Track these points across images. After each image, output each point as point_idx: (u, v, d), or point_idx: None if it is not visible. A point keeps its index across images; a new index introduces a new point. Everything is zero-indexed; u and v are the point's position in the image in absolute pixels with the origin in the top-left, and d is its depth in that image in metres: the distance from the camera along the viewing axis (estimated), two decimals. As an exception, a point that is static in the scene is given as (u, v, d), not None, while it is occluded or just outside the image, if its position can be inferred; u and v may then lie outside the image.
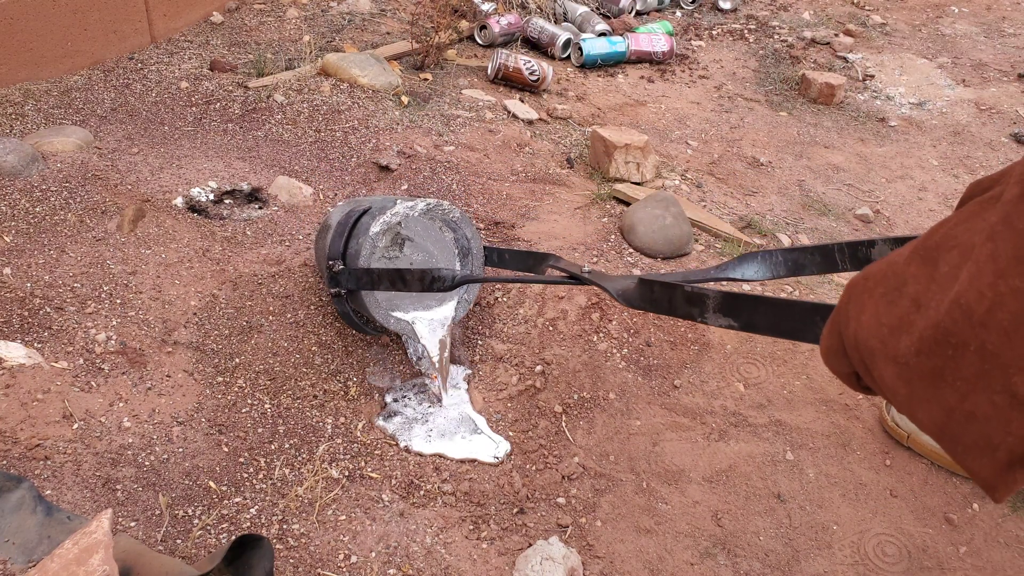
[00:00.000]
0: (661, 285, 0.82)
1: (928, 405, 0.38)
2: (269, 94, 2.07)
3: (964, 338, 0.35)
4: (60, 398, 1.17)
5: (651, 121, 2.60)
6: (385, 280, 1.21)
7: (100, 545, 0.78)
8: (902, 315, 0.39)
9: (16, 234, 1.45)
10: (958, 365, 0.36)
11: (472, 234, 1.38)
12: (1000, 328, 0.34)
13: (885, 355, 0.40)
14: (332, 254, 1.30)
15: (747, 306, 0.70)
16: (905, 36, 3.47)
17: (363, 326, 1.38)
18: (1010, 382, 0.34)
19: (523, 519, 1.17)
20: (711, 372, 1.42)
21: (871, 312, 0.41)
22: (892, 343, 0.39)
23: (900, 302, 0.39)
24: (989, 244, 0.35)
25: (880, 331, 0.40)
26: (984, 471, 0.37)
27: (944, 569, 1.12)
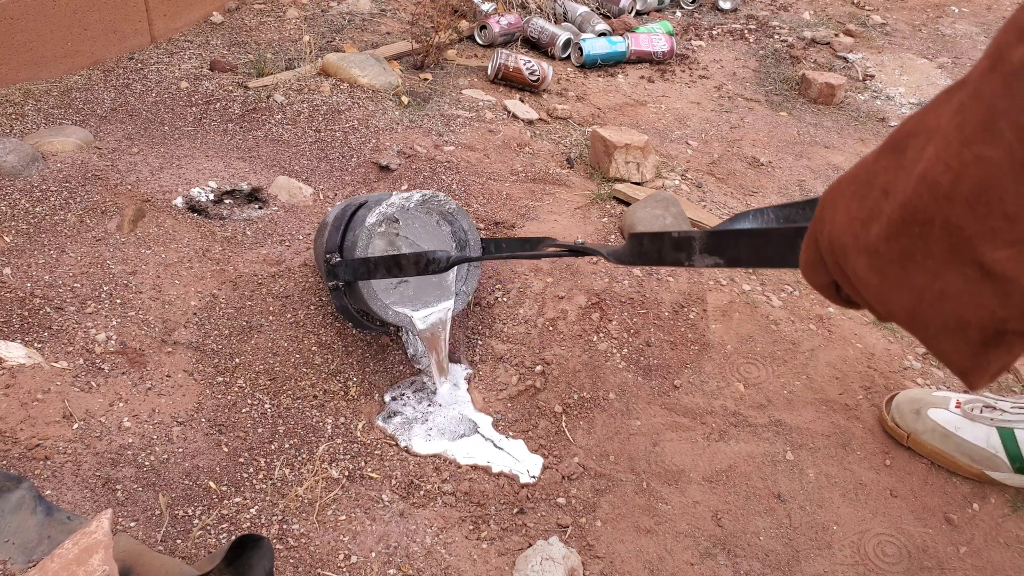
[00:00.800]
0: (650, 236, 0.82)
1: (899, 292, 0.37)
2: (269, 94, 2.07)
3: (930, 214, 0.35)
4: (60, 398, 1.17)
5: (651, 121, 2.60)
6: (381, 267, 1.21)
7: (100, 545, 0.78)
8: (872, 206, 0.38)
9: (16, 234, 1.45)
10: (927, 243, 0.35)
11: (468, 226, 1.38)
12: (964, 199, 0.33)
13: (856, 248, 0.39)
14: (329, 248, 1.30)
15: (731, 241, 0.70)
16: (905, 36, 3.47)
17: (361, 320, 1.38)
18: (976, 253, 0.34)
19: (523, 519, 1.17)
20: (711, 372, 1.42)
21: (843, 210, 0.40)
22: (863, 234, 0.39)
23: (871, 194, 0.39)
24: (956, 117, 0.34)
25: (852, 226, 0.39)
26: (957, 353, 0.37)
27: (944, 569, 1.12)
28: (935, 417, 1.23)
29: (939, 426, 1.22)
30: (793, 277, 1.72)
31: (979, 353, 0.36)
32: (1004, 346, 0.36)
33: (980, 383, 0.38)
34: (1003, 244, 0.33)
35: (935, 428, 1.23)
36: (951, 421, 1.22)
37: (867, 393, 1.39)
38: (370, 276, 1.24)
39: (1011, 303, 0.34)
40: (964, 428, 1.21)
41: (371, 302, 1.28)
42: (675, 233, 0.77)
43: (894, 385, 1.40)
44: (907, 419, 1.26)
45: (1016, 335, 0.35)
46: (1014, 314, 0.34)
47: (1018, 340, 0.36)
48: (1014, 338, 0.36)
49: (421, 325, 1.33)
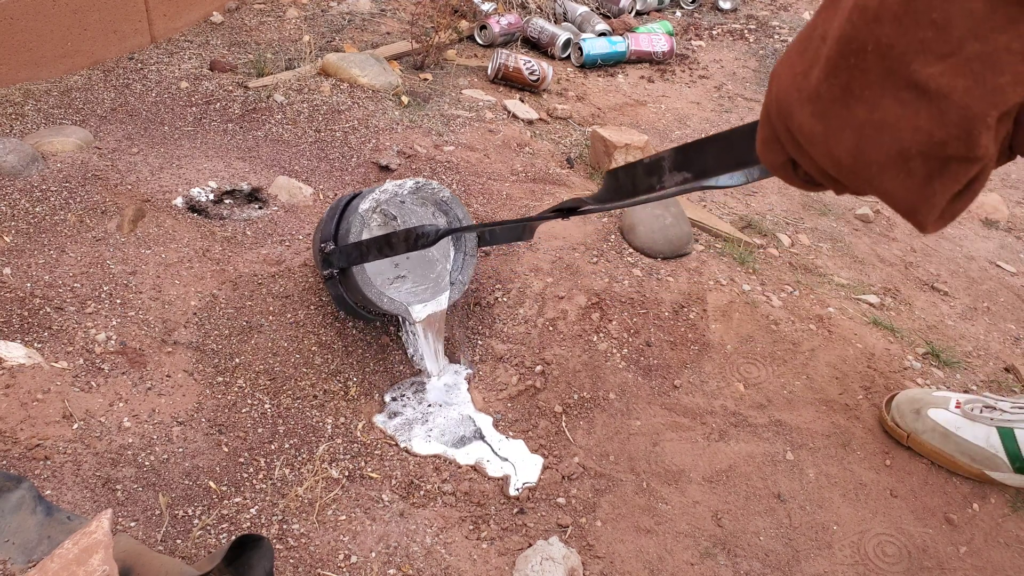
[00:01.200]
0: (623, 168, 0.81)
1: (843, 133, 0.37)
2: (269, 94, 2.07)
3: (862, 40, 0.34)
4: (60, 398, 1.17)
5: (651, 121, 2.60)
6: (373, 249, 1.21)
7: (100, 545, 0.78)
8: (812, 55, 0.38)
9: (16, 234, 1.45)
10: (863, 71, 0.35)
11: (463, 215, 1.38)
12: (892, 16, 0.33)
13: (800, 99, 0.38)
14: (324, 236, 1.30)
15: (696, 152, 0.69)
16: (905, 36, 3.47)
17: (357, 310, 1.37)
18: (910, 71, 0.33)
19: (523, 519, 1.17)
20: (711, 372, 1.42)
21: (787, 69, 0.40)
22: (804, 84, 0.38)
23: (811, 46, 0.38)
24: None
25: (795, 80, 0.39)
26: (903, 189, 0.36)
27: (944, 569, 1.12)
28: (935, 417, 1.23)
29: (939, 426, 1.22)
30: (793, 277, 1.72)
31: (924, 186, 0.35)
32: (948, 175, 0.35)
33: (928, 220, 0.37)
34: (934, 58, 0.32)
35: (935, 428, 1.23)
36: (951, 421, 1.22)
37: (867, 393, 1.39)
38: (363, 259, 1.24)
39: (947, 122, 0.33)
40: (964, 428, 1.21)
41: (366, 289, 1.28)
42: (646, 159, 0.77)
43: (894, 385, 1.40)
44: (907, 419, 1.26)
45: (958, 162, 0.34)
46: (952, 134, 0.33)
47: (961, 168, 0.35)
48: (957, 166, 0.35)
49: (417, 314, 1.33)
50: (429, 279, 1.42)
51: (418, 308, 1.34)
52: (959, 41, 0.32)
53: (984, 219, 2.24)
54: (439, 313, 1.37)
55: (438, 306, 1.36)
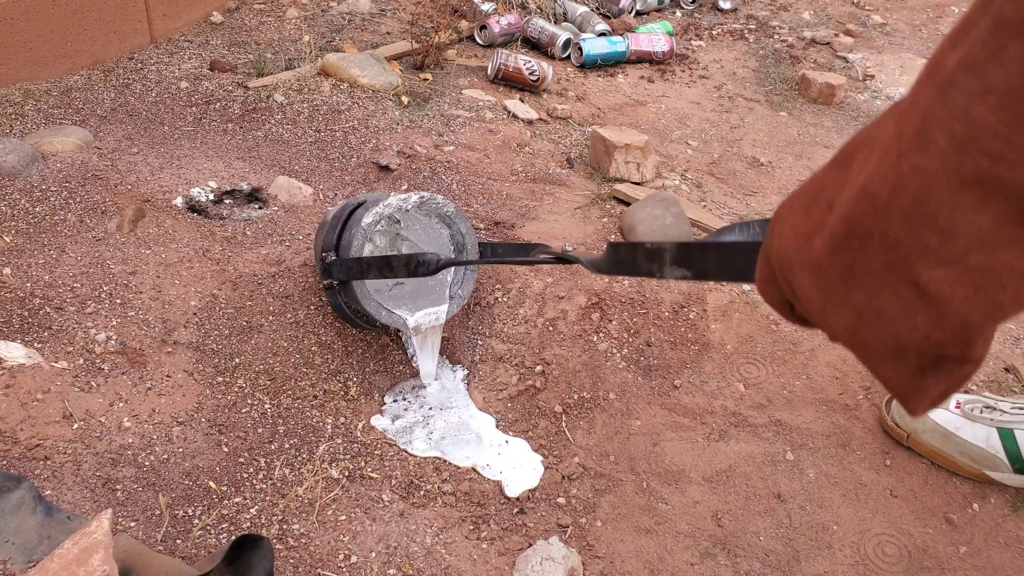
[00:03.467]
0: (625, 245, 0.82)
1: (841, 309, 0.36)
2: (269, 94, 2.07)
3: (869, 227, 0.34)
4: (60, 398, 1.17)
5: (651, 121, 2.60)
6: (374, 268, 1.22)
7: (100, 545, 0.78)
8: (817, 220, 0.38)
9: (16, 234, 1.45)
10: (866, 258, 0.34)
11: (467, 230, 1.38)
12: (901, 212, 0.32)
13: (801, 263, 0.38)
14: (325, 246, 1.30)
15: (699, 254, 0.70)
16: (905, 36, 3.47)
17: (355, 319, 1.37)
18: (912, 271, 0.33)
19: (523, 519, 1.17)
20: (711, 372, 1.42)
21: (791, 225, 0.39)
22: (807, 249, 0.38)
23: (817, 207, 0.38)
24: (895, 127, 0.33)
25: (798, 241, 0.38)
26: (896, 377, 0.36)
27: (944, 569, 1.12)
28: (935, 417, 1.23)
29: (939, 426, 1.22)
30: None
31: (917, 378, 0.35)
32: (943, 372, 0.35)
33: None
34: (937, 262, 0.32)
35: (935, 428, 1.23)
36: (951, 421, 1.22)
37: (867, 393, 1.39)
38: (363, 276, 1.24)
39: (946, 327, 0.33)
40: (964, 428, 1.21)
41: (364, 302, 1.28)
42: (648, 244, 0.77)
43: (894, 385, 1.40)
44: (907, 419, 1.26)
45: (954, 362, 0.34)
46: (949, 339, 0.33)
47: (956, 367, 0.35)
48: (952, 365, 0.35)
49: (414, 327, 1.33)
50: (428, 286, 1.42)
51: (416, 320, 1.34)
52: (963, 251, 0.32)
53: (984, 219, 2.24)
54: (436, 335, 1.37)
55: (436, 320, 1.36)
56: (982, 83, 0.30)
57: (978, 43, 0.30)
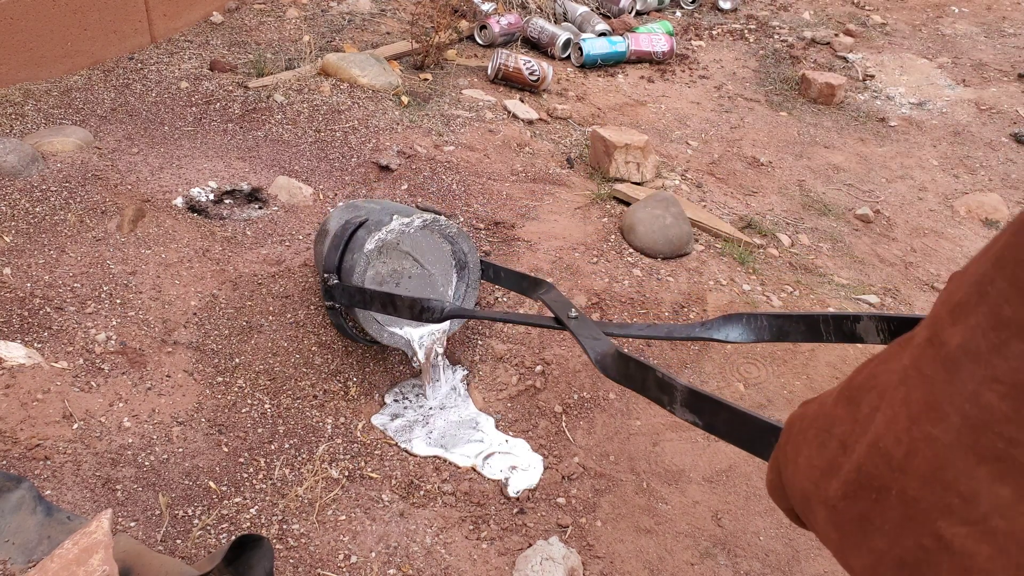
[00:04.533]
0: (636, 364, 0.83)
1: (858, 551, 0.37)
2: (269, 94, 2.07)
3: (885, 483, 0.35)
4: (60, 398, 1.17)
5: (651, 121, 2.60)
6: (376, 302, 1.21)
7: (100, 545, 0.78)
8: (831, 458, 0.39)
9: (16, 234, 1.45)
10: (883, 509, 0.35)
11: (469, 248, 1.38)
12: (918, 474, 0.33)
13: (817, 498, 0.39)
14: (327, 267, 1.29)
15: (709, 408, 0.71)
16: (905, 36, 3.47)
17: (357, 336, 1.37)
18: (935, 527, 0.33)
19: (523, 519, 1.17)
20: (711, 372, 1.42)
21: (805, 455, 0.41)
22: (823, 486, 0.39)
23: (829, 444, 0.39)
24: (902, 388, 0.34)
25: (812, 473, 0.40)
26: None
27: (944, 569, 1.12)
28: None
29: None
30: (793, 278, 1.72)
31: None
32: None
33: None
34: (959, 522, 0.33)
35: None
36: None
37: (867, 393, 1.39)
38: (365, 306, 1.24)
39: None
40: None
41: (367, 326, 1.28)
42: (662, 375, 0.78)
43: (894, 385, 1.40)
44: None
45: None
46: None
47: None
48: None
49: (419, 347, 1.33)
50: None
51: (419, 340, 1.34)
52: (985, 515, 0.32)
53: (984, 219, 2.24)
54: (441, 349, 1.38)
55: (438, 338, 1.36)
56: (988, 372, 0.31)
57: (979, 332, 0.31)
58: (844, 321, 0.90)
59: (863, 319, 0.88)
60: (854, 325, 0.89)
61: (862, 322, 0.88)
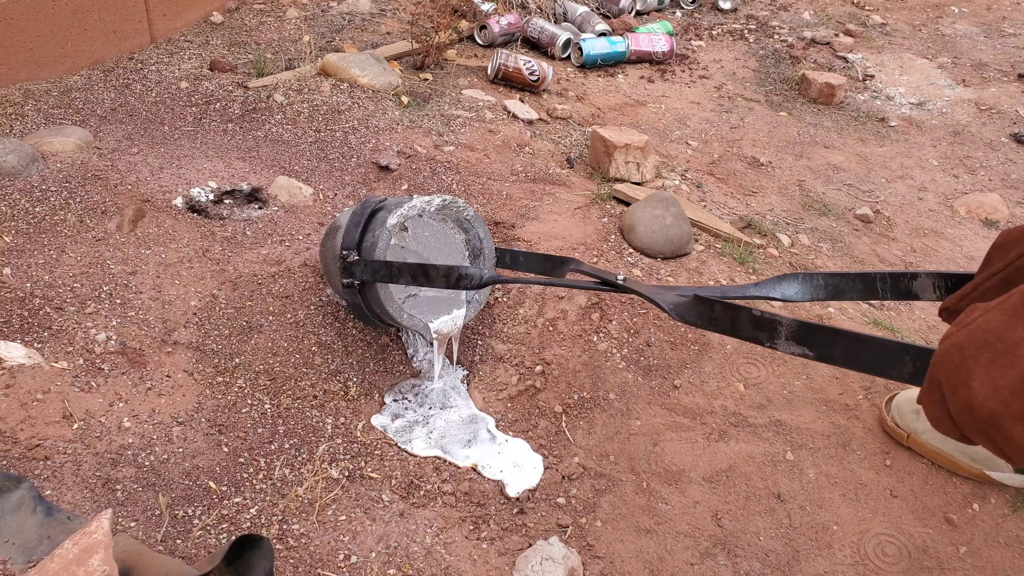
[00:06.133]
0: (723, 305, 0.81)
1: None
2: (269, 94, 2.07)
3: None
4: (60, 398, 1.17)
5: (651, 121, 2.60)
6: (406, 274, 1.19)
7: (100, 545, 0.78)
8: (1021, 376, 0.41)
9: (16, 234, 1.45)
10: None
11: (484, 234, 1.37)
12: None
13: (1010, 416, 0.41)
14: (347, 244, 1.28)
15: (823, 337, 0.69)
16: (905, 36, 3.47)
17: (371, 318, 1.36)
18: None
19: (523, 519, 1.17)
20: (711, 372, 1.42)
21: (983, 378, 0.42)
22: (1016, 403, 0.41)
23: (1016, 364, 0.41)
24: None
25: (1000, 394, 0.41)
26: None
27: (944, 569, 1.12)
28: None
29: None
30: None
31: None
32: None
33: None
34: None
35: None
36: None
37: (867, 393, 1.39)
38: (391, 280, 1.22)
39: None
40: None
41: (387, 304, 1.27)
42: (758, 312, 0.75)
43: (894, 385, 1.40)
44: (907, 419, 1.26)
45: None
46: None
47: None
48: None
49: (436, 331, 1.33)
50: (444, 292, 1.41)
51: (437, 325, 1.33)
52: None
53: (984, 219, 2.24)
54: (456, 338, 1.37)
55: (454, 324, 1.35)
56: None
57: None
58: (901, 279, 0.90)
59: (920, 276, 0.88)
60: (911, 283, 0.89)
61: (919, 279, 0.88)
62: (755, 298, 1.01)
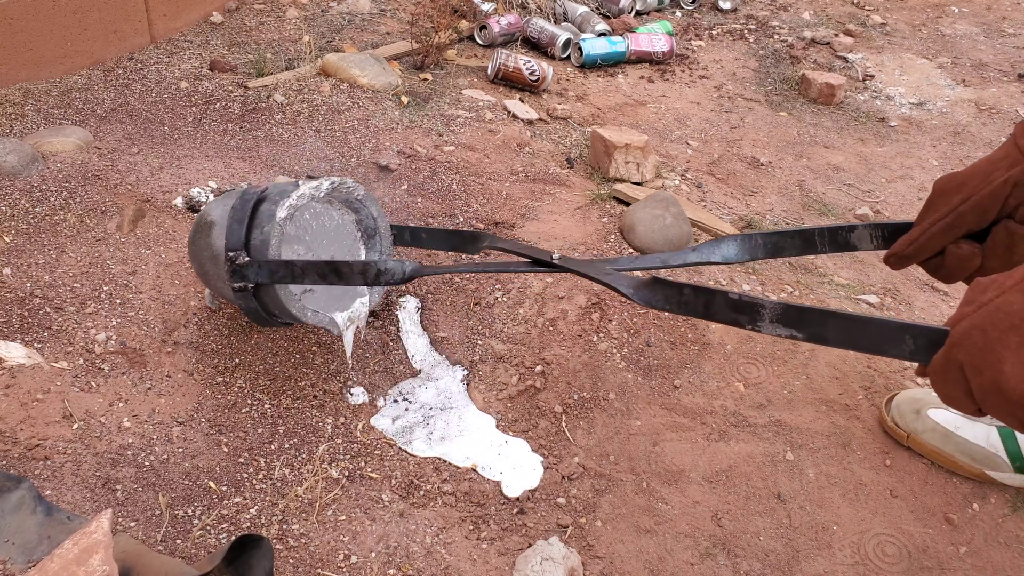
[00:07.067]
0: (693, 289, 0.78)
1: None
2: (269, 94, 2.07)
3: None
4: (60, 398, 1.17)
5: (651, 121, 2.60)
6: (312, 273, 1.08)
7: (100, 545, 0.78)
8: None
9: (16, 234, 1.45)
10: None
11: (378, 213, 1.27)
12: None
13: None
14: (233, 245, 1.14)
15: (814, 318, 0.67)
16: (905, 36, 3.47)
17: (269, 320, 1.25)
18: None
19: (523, 519, 1.17)
20: (711, 372, 1.42)
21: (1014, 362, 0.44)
22: None
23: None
24: None
25: None
26: None
27: (944, 569, 1.12)
28: (935, 417, 1.23)
29: (939, 426, 1.22)
30: (793, 277, 1.72)
31: None
32: None
33: None
34: None
35: (935, 428, 1.23)
36: (951, 420, 1.22)
37: (867, 393, 1.39)
38: (293, 281, 1.10)
39: None
40: (964, 427, 1.21)
41: (289, 305, 1.17)
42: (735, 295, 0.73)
43: (894, 385, 1.40)
44: (907, 419, 1.26)
45: None
46: None
47: None
48: None
49: (342, 325, 1.25)
50: (339, 288, 1.31)
51: (341, 319, 1.25)
52: None
53: (984, 219, 2.24)
54: (362, 319, 1.28)
55: (363, 307, 1.27)
56: None
57: None
58: (839, 232, 0.90)
59: (857, 228, 0.88)
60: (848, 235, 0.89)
61: (856, 231, 0.88)
62: (696, 264, 0.99)
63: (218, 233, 1.19)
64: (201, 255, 1.24)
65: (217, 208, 1.23)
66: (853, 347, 0.65)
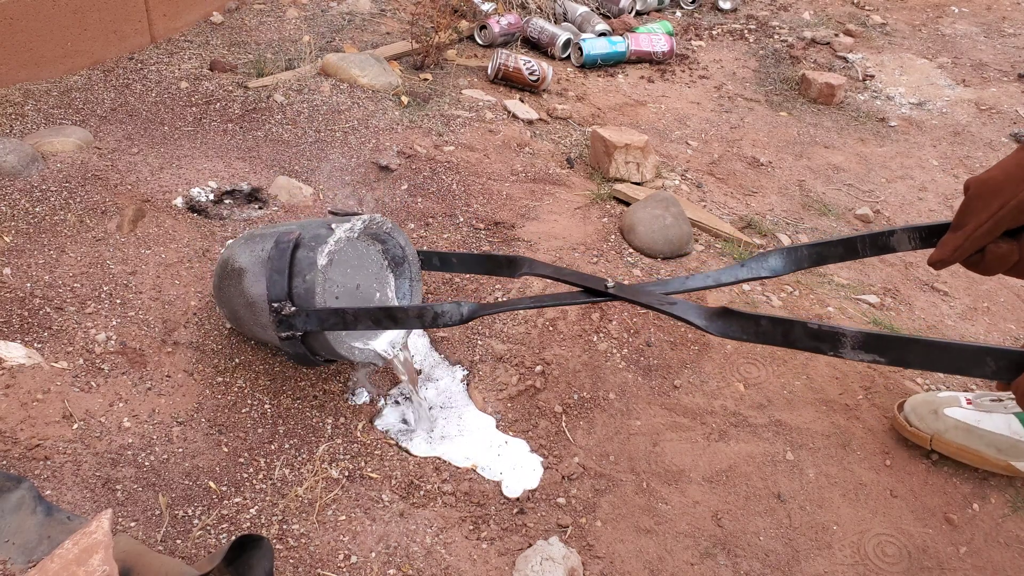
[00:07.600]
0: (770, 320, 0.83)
1: None
2: (269, 94, 2.07)
3: None
4: (60, 398, 1.17)
5: (651, 121, 2.60)
6: (365, 320, 1.08)
7: (100, 545, 0.78)
8: None
9: (16, 234, 1.45)
10: None
11: (405, 242, 1.31)
12: None
13: None
14: (276, 296, 1.15)
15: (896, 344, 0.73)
16: (905, 36, 3.47)
17: (315, 360, 1.27)
18: None
19: (523, 519, 1.17)
20: (711, 372, 1.42)
21: None
22: None
23: None
24: None
25: None
26: None
27: (944, 569, 1.12)
28: (953, 415, 1.23)
29: (960, 422, 1.22)
30: (792, 278, 1.72)
31: None
32: None
33: None
34: None
35: (957, 425, 1.22)
36: (970, 416, 1.22)
37: (867, 393, 1.39)
38: (345, 327, 1.11)
39: None
40: (984, 420, 1.21)
41: (338, 348, 1.19)
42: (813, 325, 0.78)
43: (894, 385, 1.40)
44: (927, 421, 1.25)
45: None
46: None
47: None
48: None
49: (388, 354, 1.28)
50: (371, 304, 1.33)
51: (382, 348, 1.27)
52: None
53: (984, 219, 2.24)
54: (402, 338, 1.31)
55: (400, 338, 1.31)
56: None
57: None
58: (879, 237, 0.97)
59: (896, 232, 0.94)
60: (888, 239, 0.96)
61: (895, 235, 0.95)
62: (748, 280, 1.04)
63: (251, 281, 1.19)
64: (233, 302, 1.25)
65: (243, 254, 1.23)
66: (934, 369, 0.70)
